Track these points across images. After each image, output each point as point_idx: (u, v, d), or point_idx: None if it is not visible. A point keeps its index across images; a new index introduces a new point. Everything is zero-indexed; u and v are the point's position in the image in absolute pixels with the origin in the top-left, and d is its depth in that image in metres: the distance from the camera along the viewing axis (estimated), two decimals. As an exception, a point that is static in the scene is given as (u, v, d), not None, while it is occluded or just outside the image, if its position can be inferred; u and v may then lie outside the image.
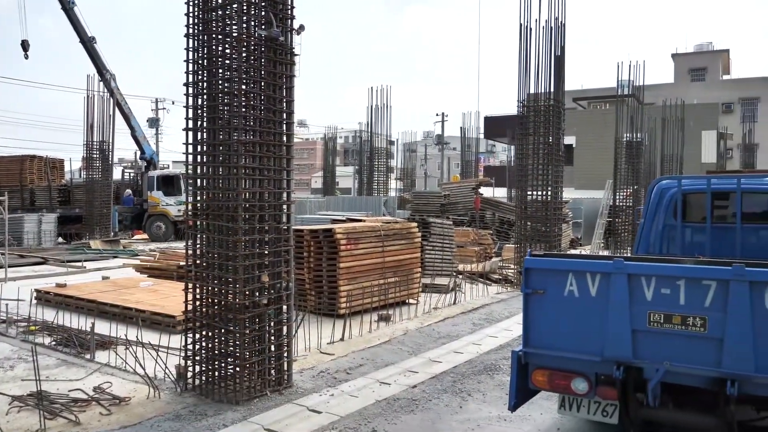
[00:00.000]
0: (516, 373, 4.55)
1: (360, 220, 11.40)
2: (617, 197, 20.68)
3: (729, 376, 3.81)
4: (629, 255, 9.10)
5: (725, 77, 57.46)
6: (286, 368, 6.25)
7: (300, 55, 6.29)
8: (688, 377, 3.99)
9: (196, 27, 6.12)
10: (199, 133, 6.18)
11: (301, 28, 6.34)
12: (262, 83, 6.05)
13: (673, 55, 57.49)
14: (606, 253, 20.08)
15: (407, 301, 10.67)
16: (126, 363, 6.50)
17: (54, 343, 7.68)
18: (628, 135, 21.35)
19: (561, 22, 14.19)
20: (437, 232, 13.52)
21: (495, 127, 42.63)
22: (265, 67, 6.08)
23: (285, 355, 6.25)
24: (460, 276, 13.40)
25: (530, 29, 14.22)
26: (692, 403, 4.22)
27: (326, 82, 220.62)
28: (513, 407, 4.65)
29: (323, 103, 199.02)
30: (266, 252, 6.09)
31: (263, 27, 6.00)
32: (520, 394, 4.65)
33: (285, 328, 6.30)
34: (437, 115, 63.34)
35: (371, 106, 29.37)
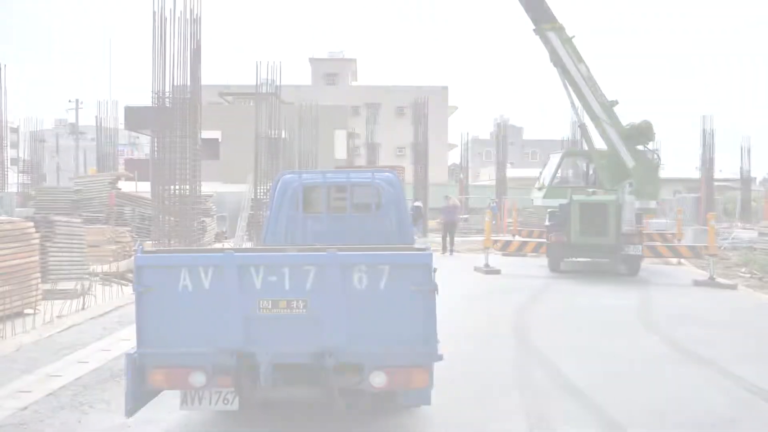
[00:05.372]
0: (131, 376, 4.35)
1: (-41, 222, 9.59)
2: (258, 191, 21.57)
3: (327, 349, 4.26)
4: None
5: (354, 83, 64.76)
6: None
7: None
8: (294, 356, 4.35)
9: None
10: None
11: None
12: None
13: (311, 60, 62.49)
14: (249, 244, 20.79)
15: (24, 311, 9.36)
16: None
17: None
18: (268, 131, 22.45)
19: (197, 15, 14.13)
20: (64, 232, 12.16)
21: (137, 118, 40.21)
22: None
23: None
24: (94, 278, 12.34)
25: (165, 18, 13.82)
26: (302, 379, 4.61)
27: None
28: (129, 412, 4.44)
29: None
30: None
31: None
32: (139, 397, 4.47)
33: None
34: (70, 101, 56.83)
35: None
